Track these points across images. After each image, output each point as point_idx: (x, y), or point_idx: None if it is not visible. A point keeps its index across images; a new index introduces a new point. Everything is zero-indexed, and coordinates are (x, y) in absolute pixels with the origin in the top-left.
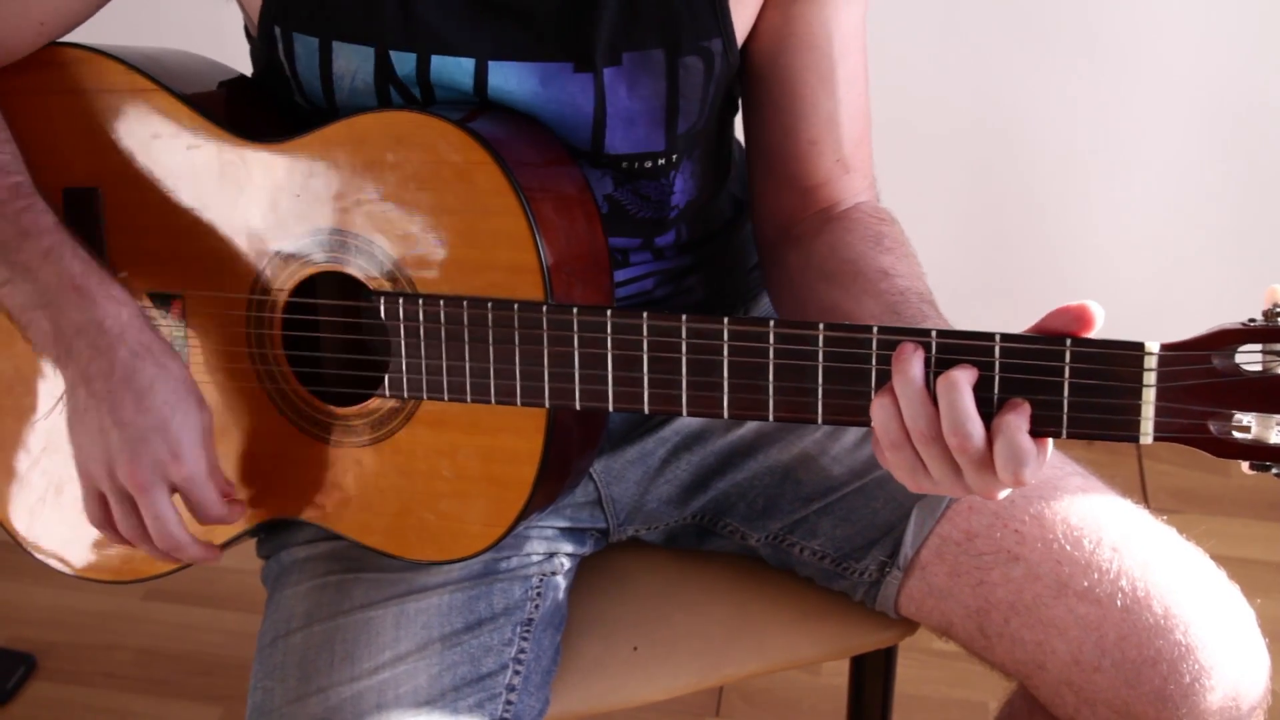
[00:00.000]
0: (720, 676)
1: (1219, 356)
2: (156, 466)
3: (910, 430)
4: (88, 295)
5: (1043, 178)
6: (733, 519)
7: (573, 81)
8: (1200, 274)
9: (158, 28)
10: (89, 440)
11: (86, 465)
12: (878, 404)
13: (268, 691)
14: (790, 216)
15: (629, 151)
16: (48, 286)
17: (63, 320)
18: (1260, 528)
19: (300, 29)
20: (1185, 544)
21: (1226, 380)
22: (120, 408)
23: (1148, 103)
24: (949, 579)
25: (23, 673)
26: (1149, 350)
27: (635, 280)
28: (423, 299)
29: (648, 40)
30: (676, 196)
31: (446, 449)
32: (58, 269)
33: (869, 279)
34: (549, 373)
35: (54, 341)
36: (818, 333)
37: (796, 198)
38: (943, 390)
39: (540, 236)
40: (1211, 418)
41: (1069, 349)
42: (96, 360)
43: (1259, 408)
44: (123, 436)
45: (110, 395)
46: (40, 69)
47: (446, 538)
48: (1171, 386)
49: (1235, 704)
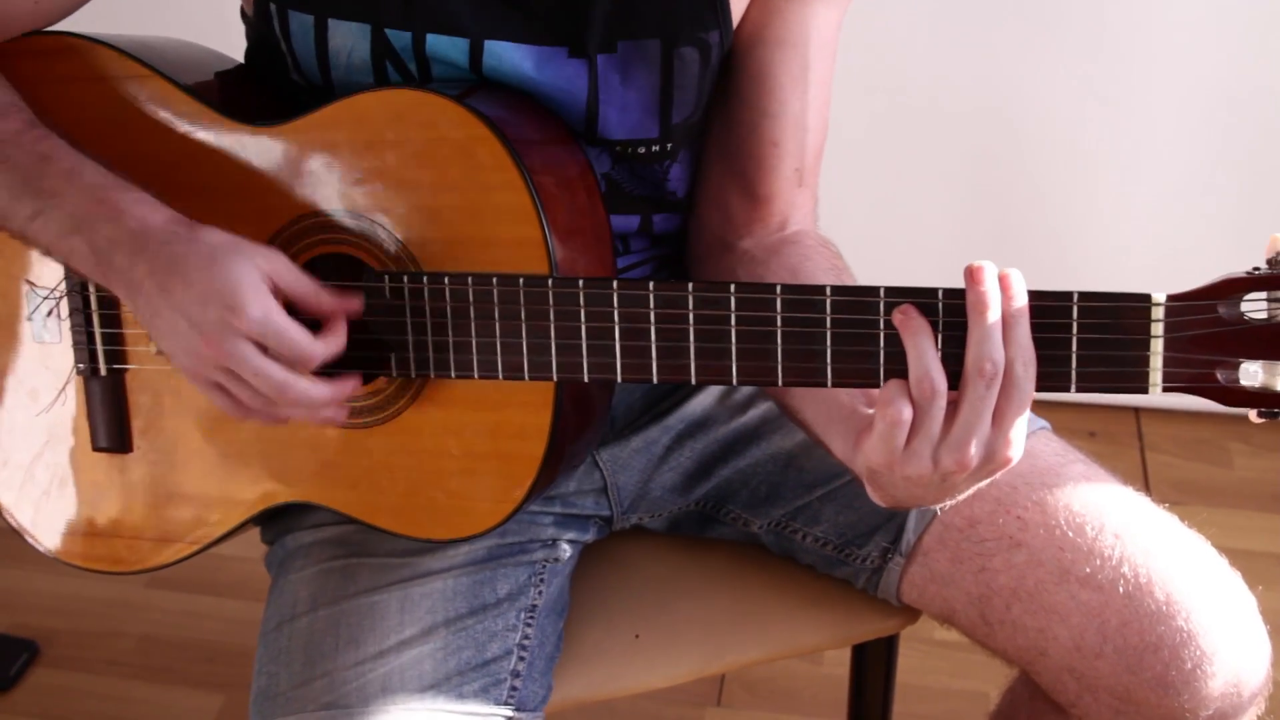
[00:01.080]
0: (722, 664)
1: (1225, 305)
2: (224, 329)
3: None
4: (112, 205)
5: (1045, 164)
6: (735, 506)
7: (567, 66)
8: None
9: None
10: (170, 341)
11: (182, 365)
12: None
13: (273, 676)
14: (735, 226)
15: (623, 137)
16: (75, 209)
17: (97, 239)
18: (1262, 519)
19: (296, 6)
20: (1187, 531)
21: (1233, 329)
22: (171, 294)
23: (1151, 89)
24: (951, 565)
25: (25, 659)
26: (1156, 301)
27: (635, 266)
28: (427, 277)
29: (644, 30)
30: (673, 184)
31: (454, 427)
32: (80, 186)
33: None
34: (556, 346)
35: (96, 263)
36: (825, 297)
37: (746, 206)
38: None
39: (543, 210)
40: (1219, 366)
41: (1076, 304)
42: (136, 264)
43: (1266, 355)
44: (187, 319)
45: (161, 289)
46: (36, 57)
47: (456, 516)
48: (1179, 337)
49: (1236, 690)
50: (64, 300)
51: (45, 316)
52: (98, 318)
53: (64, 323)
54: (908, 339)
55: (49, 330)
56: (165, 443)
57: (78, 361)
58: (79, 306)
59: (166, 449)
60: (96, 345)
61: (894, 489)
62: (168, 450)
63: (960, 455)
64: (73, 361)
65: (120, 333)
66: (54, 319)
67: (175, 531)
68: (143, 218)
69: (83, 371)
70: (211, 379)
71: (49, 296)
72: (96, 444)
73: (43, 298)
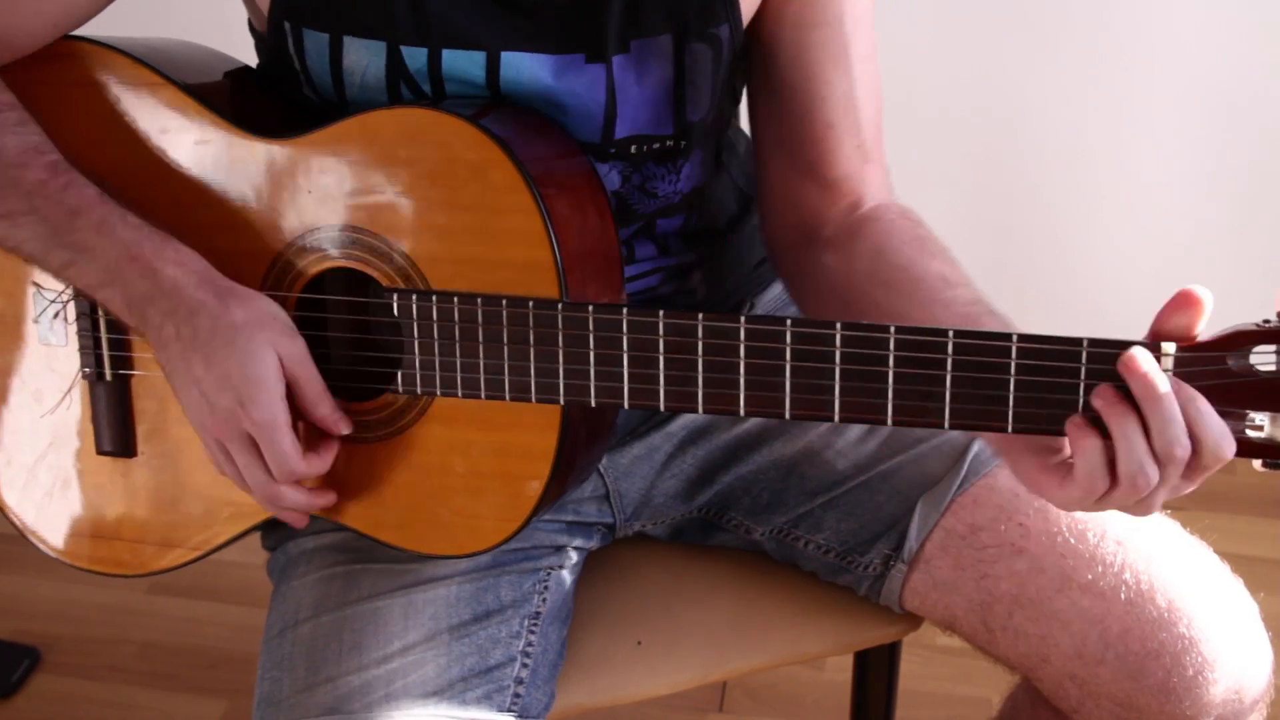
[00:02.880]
0: (724, 671)
1: (1234, 357)
2: (231, 417)
3: (1161, 452)
4: (145, 263)
5: (1047, 168)
6: (738, 513)
7: (585, 73)
8: (1207, 265)
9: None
10: (185, 400)
11: (191, 418)
12: (1091, 443)
13: (275, 682)
14: (815, 215)
15: (638, 132)
16: (109, 263)
17: (130, 293)
18: (1264, 525)
19: (310, 24)
20: (1189, 538)
21: (1241, 380)
22: (191, 365)
23: (1152, 94)
24: (953, 572)
25: (27, 666)
26: (1165, 351)
27: (641, 276)
28: (436, 295)
29: (655, 26)
30: (683, 183)
31: (460, 445)
32: (113, 241)
33: (931, 286)
34: (564, 370)
35: (129, 314)
36: (834, 332)
37: (818, 192)
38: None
39: (554, 234)
40: (1226, 417)
41: (1085, 349)
42: (166, 325)
43: (1273, 407)
44: (201, 393)
45: (184, 356)
46: (48, 62)
47: (460, 533)
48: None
49: (1238, 697)
50: (71, 304)
51: (52, 319)
52: (104, 323)
53: (70, 326)
54: (1115, 428)
55: (55, 333)
56: (170, 448)
57: (83, 365)
58: (85, 311)
59: (171, 454)
60: (103, 350)
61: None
62: (172, 456)
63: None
64: (78, 365)
65: (126, 338)
66: (60, 321)
67: (178, 536)
68: (175, 278)
69: (88, 376)
70: (211, 442)
71: (55, 300)
72: (100, 448)
73: (50, 300)
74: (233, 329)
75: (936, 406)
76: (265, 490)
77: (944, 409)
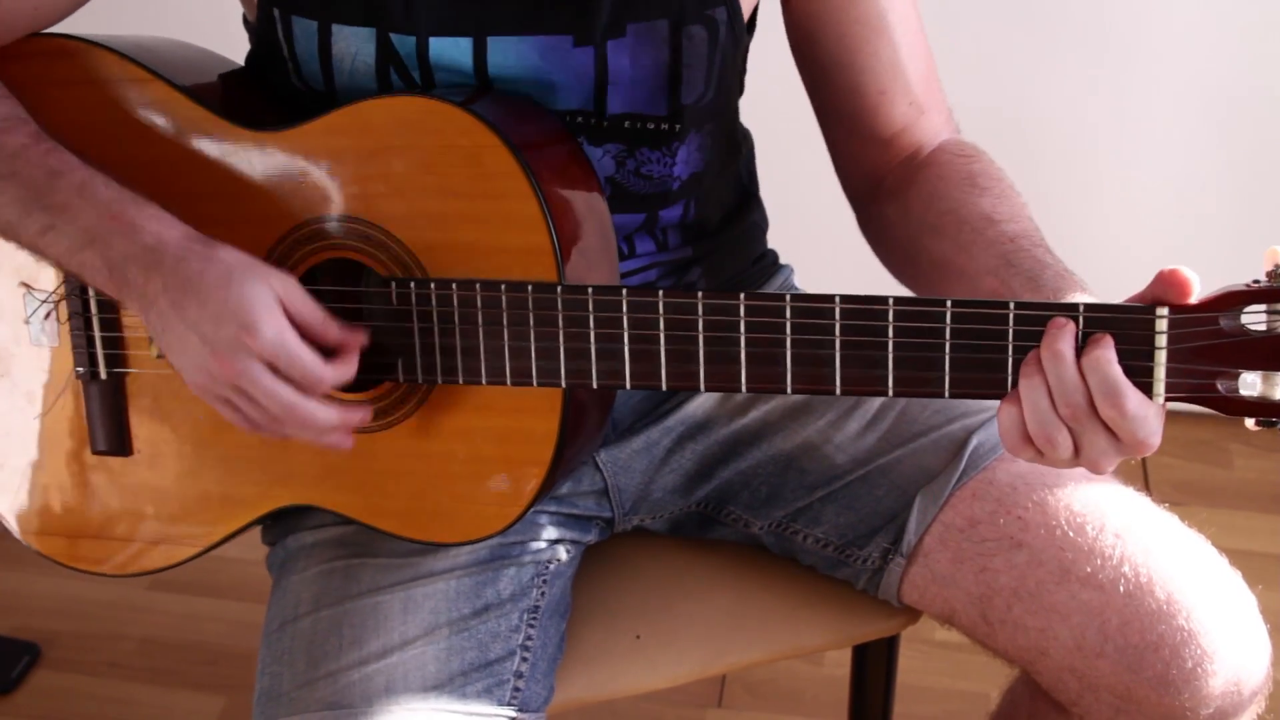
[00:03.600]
0: (723, 665)
1: (1226, 317)
2: (237, 348)
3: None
4: (127, 220)
5: (1048, 164)
6: (736, 507)
7: (572, 55)
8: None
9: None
10: (182, 358)
11: (193, 381)
12: (1025, 385)
13: (275, 676)
14: (876, 169)
15: (631, 110)
16: (88, 223)
17: (111, 253)
18: (1262, 520)
19: (299, 12)
20: (1187, 531)
21: (1233, 340)
22: (185, 310)
23: (1152, 90)
24: (952, 565)
25: (27, 662)
26: (1159, 314)
27: (639, 271)
28: (435, 283)
29: (653, 10)
30: (679, 168)
31: (461, 432)
32: (93, 201)
33: (974, 227)
34: (565, 352)
35: (109, 277)
36: (834, 305)
37: (878, 150)
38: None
39: (551, 218)
40: (1219, 376)
41: (1082, 314)
42: (151, 280)
43: (1264, 366)
44: (200, 336)
45: (175, 305)
46: (37, 60)
47: (462, 519)
48: (1181, 348)
49: (1237, 689)
50: (62, 304)
51: (43, 320)
52: (97, 321)
53: (62, 326)
54: (1022, 391)
55: (47, 333)
56: (166, 446)
57: (77, 365)
58: (78, 310)
59: (167, 452)
60: (96, 349)
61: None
62: (169, 453)
63: (1097, 462)
64: (71, 365)
65: (120, 336)
66: (51, 322)
67: (176, 534)
68: (158, 233)
69: (82, 375)
70: (221, 394)
71: (46, 300)
72: (96, 447)
73: (40, 301)
74: (224, 267)
75: (936, 375)
76: (295, 414)
77: (944, 378)
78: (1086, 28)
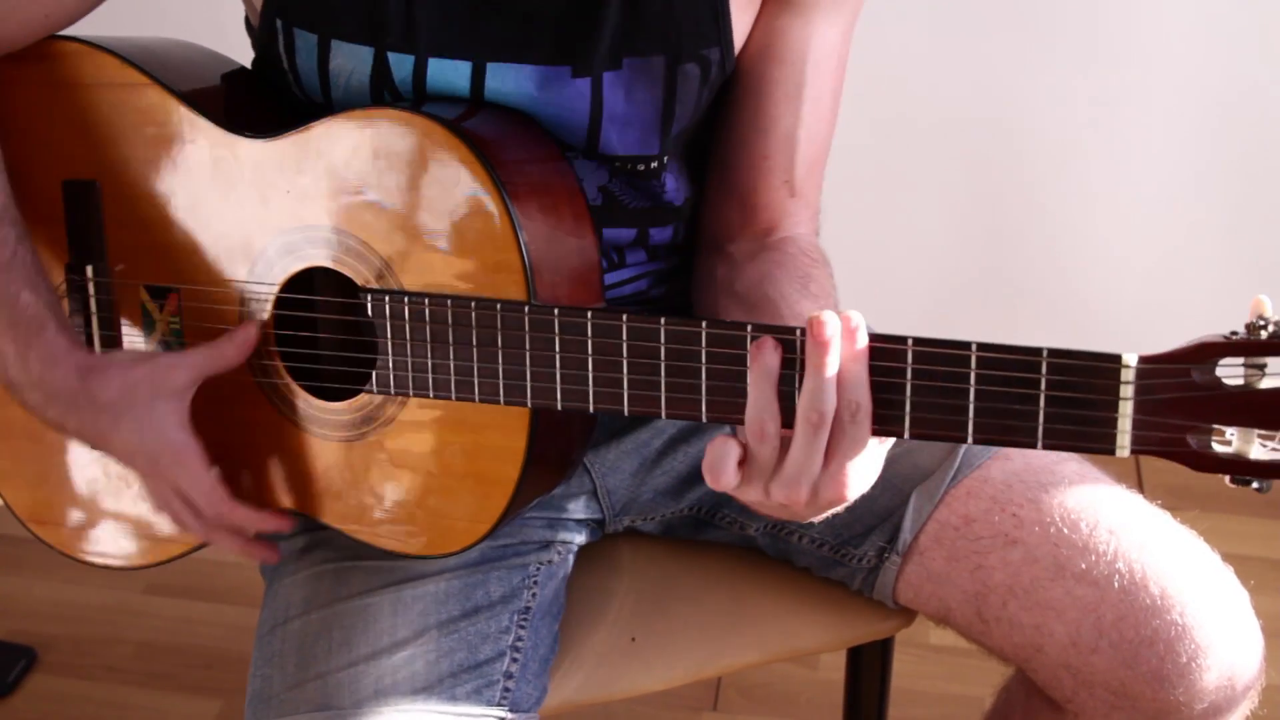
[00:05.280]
0: (718, 667)
1: (1199, 370)
2: (150, 478)
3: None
4: (20, 347)
5: (1040, 171)
6: (731, 509)
7: (570, 86)
8: (1199, 267)
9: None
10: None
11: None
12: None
13: (266, 679)
14: (728, 229)
15: (623, 153)
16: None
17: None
18: (1256, 524)
19: (301, 24)
20: (1180, 527)
21: (1207, 393)
22: (96, 443)
23: (1144, 97)
24: (947, 564)
25: (23, 666)
26: (1126, 363)
27: (630, 281)
28: (408, 296)
29: (650, 47)
30: (670, 194)
31: (433, 446)
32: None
33: (782, 319)
34: (531, 372)
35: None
36: (795, 338)
37: (737, 211)
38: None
39: (523, 236)
40: (1191, 431)
41: (1045, 360)
42: (49, 409)
43: (1239, 422)
44: (117, 459)
45: (82, 435)
46: (38, 62)
47: (433, 533)
48: (1150, 400)
49: (1230, 683)
50: (62, 303)
51: None
52: (96, 320)
53: None
54: (752, 378)
55: None
56: None
57: None
58: (78, 309)
59: None
60: (95, 349)
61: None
62: None
63: (790, 492)
64: None
65: (118, 335)
66: None
67: (167, 531)
68: (42, 376)
69: None
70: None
71: None
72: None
73: None
74: (110, 411)
75: (896, 415)
76: (208, 536)
77: (904, 417)
78: (1078, 35)
